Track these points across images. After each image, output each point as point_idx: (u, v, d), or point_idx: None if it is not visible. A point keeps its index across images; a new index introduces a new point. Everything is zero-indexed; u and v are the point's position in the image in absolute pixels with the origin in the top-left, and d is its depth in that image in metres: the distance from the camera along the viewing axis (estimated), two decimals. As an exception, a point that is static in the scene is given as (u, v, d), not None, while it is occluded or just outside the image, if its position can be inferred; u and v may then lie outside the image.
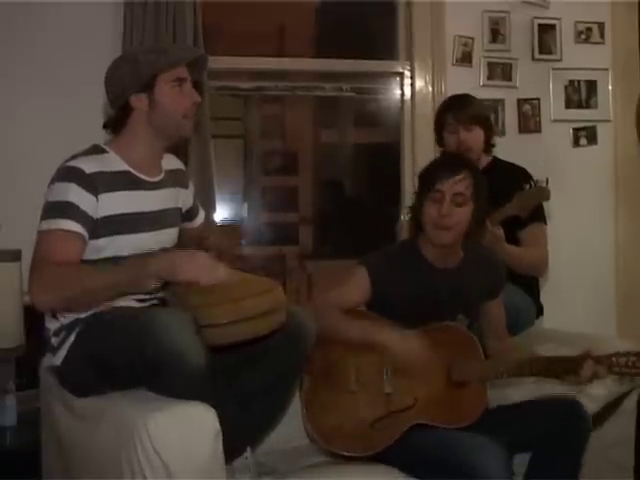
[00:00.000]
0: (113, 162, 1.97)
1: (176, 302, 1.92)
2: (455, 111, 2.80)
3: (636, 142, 3.51)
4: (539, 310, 2.88)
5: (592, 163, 3.52)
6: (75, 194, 1.86)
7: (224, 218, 3.39)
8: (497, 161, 2.91)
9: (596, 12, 3.50)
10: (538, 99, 3.47)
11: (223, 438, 1.72)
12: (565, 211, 3.35)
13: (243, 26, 3.76)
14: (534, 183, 2.56)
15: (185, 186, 2.22)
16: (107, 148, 2.00)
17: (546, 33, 3.45)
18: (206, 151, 3.00)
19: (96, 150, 1.98)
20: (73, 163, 1.91)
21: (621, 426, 2.50)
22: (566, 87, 3.49)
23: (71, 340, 1.93)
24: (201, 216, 2.33)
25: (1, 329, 2.37)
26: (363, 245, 2.67)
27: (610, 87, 3.52)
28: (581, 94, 3.51)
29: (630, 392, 2.48)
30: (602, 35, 3.51)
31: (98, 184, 1.90)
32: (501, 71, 3.42)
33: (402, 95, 3.45)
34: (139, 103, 1.99)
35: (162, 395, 1.76)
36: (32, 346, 2.35)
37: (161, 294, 2.06)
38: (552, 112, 3.48)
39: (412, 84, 3.39)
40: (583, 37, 3.50)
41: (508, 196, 2.53)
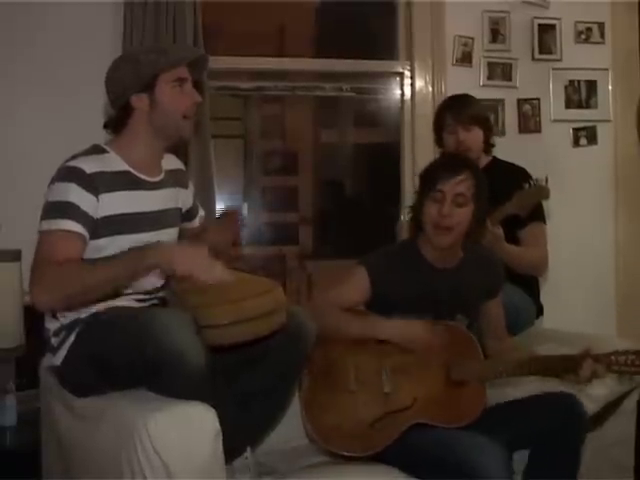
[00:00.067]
0: (113, 162, 1.97)
1: (176, 302, 1.93)
2: (454, 111, 2.80)
3: (636, 142, 3.51)
4: (539, 310, 2.88)
5: (592, 163, 3.52)
6: (75, 194, 1.86)
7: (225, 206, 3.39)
8: (496, 161, 2.91)
9: (596, 12, 3.50)
10: (538, 99, 3.47)
11: (223, 438, 1.72)
12: (565, 211, 3.35)
13: (243, 26, 3.75)
14: (533, 182, 2.56)
15: (185, 186, 2.22)
16: (107, 148, 2.00)
17: (546, 33, 3.45)
18: (206, 151, 3.00)
19: (96, 150, 1.99)
20: (73, 163, 1.91)
21: (621, 426, 2.51)
22: (566, 87, 3.49)
23: (71, 340, 1.94)
24: (201, 216, 2.33)
25: (1, 329, 2.37)
26: (363, 245, 2.67)
27: (610, 87, 3.52)
28: (581, 94, 3.51)
29: (630, 392, 2.48)
30: (602, 35, 3.51)
31: (98, 184, 1.90)
32: (501, 71, 3.42)
33: (402, 95, 3.45)
34: (140, 103, 1.99)
35: (162, 395, 1.76)
36: (32, 346, 2.35)
37: (161, 294, 2.06)
38: (552, 112, 3.48)
39: (412, 84, 3.39)
40: (583, 37, 3.50)
41: (508, 196, 2.53)
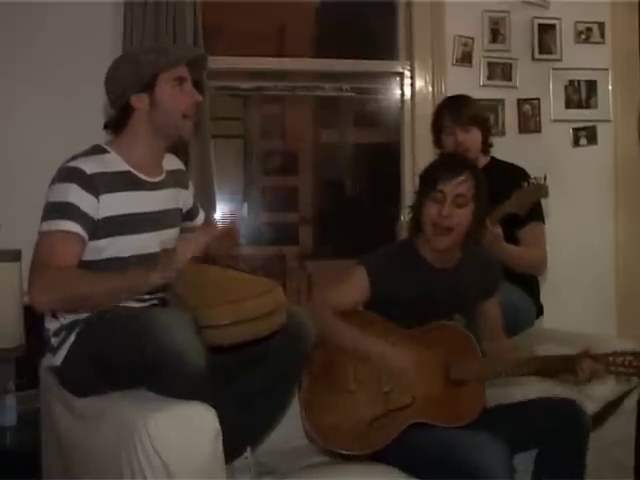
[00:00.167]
0: (114, 162, 1.97)
1: (176, 302, 1.93)
2: (452, 113, 2.79)
3: (636, 142, 3.51)
4: (539, 310, 2.88)
5: (592, 163, 3.52)
6: (76, 195, 1.86)
7: (224, 214, 3.40)
8: (495, 161, 2.91)
9: (596, 12, 3.50)
10: (538, 99, 3.47)
11: (223, 438, 1.72)
12: (565, 211, 3.35)
13: (243, 26, 3.75)
14: (532, 181, 2.56)
15: (185, 186, 2.22)
16: (108, 148, 2.00)
17: (546, 33, 3.45)
18: (206, 151, 3.01)
19: (97, 150, 1.98)
20: (74, 164, 1.91)
21: (621, 425, 2.51)
22: (566, 87, 3.49)
23: (71, 340, 1.93)
24: (201, 217, 2.32)
25: (1, 329, 2.37)
26: (363, 245, 2.66)
27: (610, 87, 3.52)
28: (581, 94, 3.51)
29: (630, 392, 2.48)
30: (602, 35, 3.51)
31: (99, 185, 1.90)
32: (501, 71, 3.42)
33: (402, 95, 3.46)
34: (140, 103, 1.99)
35: (162, 395, 1.76)
36: (32, 346, 2.35)
37: (161, 294, 2.06)
38: (552, 112, 3.48)
39: (412, 84, 3.39)
40: (583, 37, 3.50)
41: (507, 196, 2.53)
